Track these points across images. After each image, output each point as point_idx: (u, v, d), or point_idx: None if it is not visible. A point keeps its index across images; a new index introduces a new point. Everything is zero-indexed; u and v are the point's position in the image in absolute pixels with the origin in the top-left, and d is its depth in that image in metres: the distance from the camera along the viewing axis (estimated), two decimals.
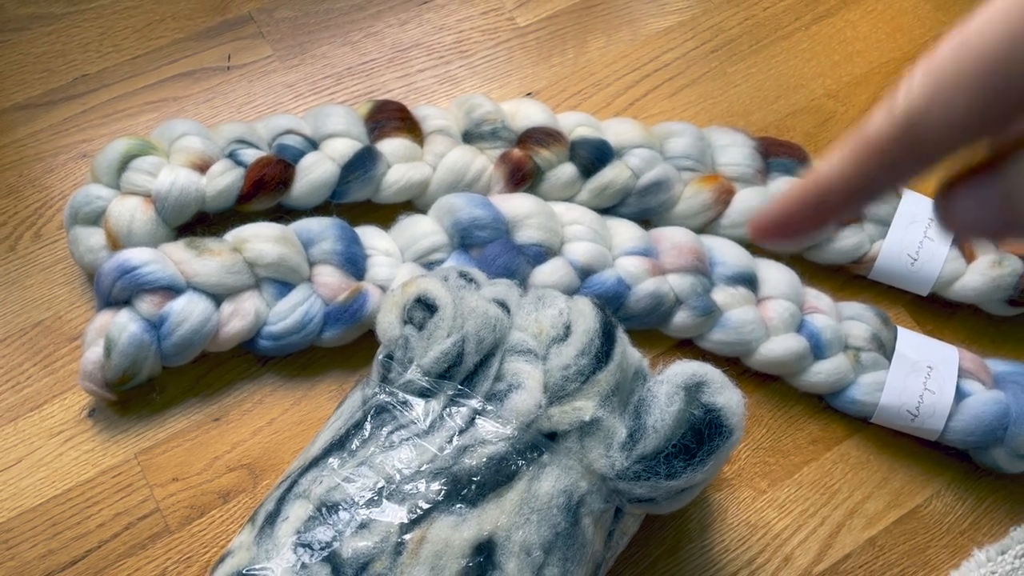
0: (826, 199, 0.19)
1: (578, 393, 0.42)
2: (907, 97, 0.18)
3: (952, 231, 0.19)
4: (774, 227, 0.21)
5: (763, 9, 0.70)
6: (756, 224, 0.21)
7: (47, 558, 0.49)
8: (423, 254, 0.54)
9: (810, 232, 0.20)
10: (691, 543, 0.51)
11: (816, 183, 0.20)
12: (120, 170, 0.54)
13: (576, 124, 0.59)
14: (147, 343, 0.50)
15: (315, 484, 0.40)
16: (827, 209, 0.20)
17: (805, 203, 0.20)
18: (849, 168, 0.19)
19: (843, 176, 0.19)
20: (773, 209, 0.21)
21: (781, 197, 0.20)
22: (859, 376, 0.54)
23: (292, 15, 0.67)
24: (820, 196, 0.19)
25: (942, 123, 0.17)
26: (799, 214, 0.20)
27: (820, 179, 0.19)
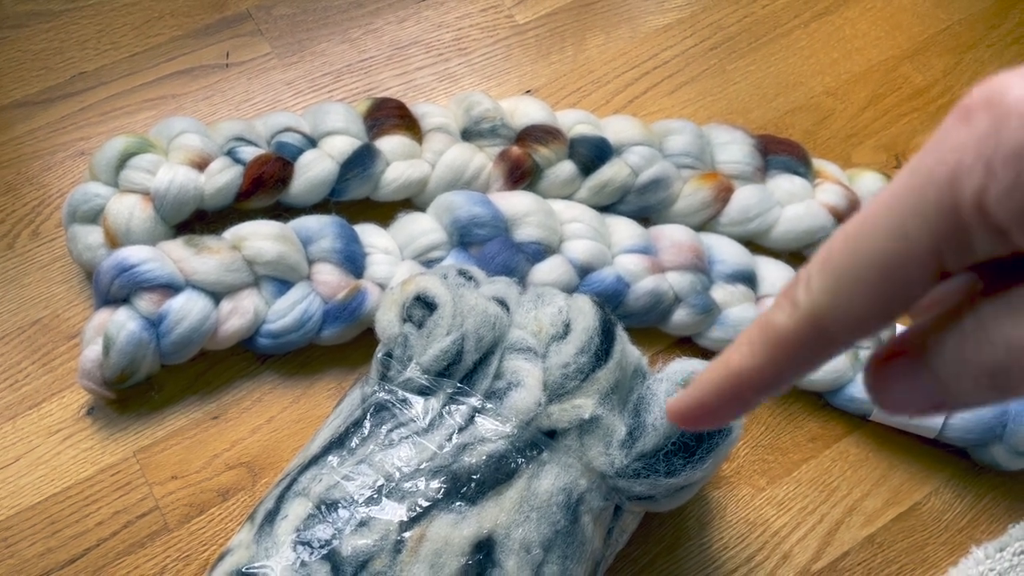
0: (739, 391, 0.20)
1: (577, 391, 0.42)
2: (808, 293, 0.18)
3: (886, 410, 0.20)
4: (691, 415, 0.21)
5: (762, 7, 0.70)
6: (674, 410, 0.22)
7: (46, 556, 0.49)
8: (422, 252, 0.54)
9: (726, 418, 0.21)
10: (690, 541, 0.51)
11: (728, 374, 0.20)
12: (118, 168, 0.54)
13: (575, 122, 0.59)
14: (146, 341, 0.50)
15: (314, 482, 0.40)
16: (742, 399, 0.20)
17: (720, 394, 0.20)
18: (759, 361, 0.19)
19: (754, 369, 0.19)
20: (689, 397, 0.21)
21: (696, 385, 0.21)
22: (858, 374, 0.54)
23: (290, 12, 0.67)
24: (733, 388, 0.20)
25: (847, 317, 0.18)
26: (715, 403, 0.20)
27: (732, 370, 0.20)
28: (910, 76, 0.67)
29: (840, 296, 0.18)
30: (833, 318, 0.18)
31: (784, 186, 0.58)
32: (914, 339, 0.19)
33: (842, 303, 0.18)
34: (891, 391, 0.19)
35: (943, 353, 0.18)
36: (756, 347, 0.19)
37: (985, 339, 0.17)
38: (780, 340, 0.19)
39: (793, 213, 0.58)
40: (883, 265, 0.17)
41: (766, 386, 0.20)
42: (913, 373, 0.19)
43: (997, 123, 0.16)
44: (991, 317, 0.18)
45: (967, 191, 0.16)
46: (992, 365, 0.17)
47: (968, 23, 0.70)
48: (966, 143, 0.16)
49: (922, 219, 0.17)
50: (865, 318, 0.18)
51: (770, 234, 0.58)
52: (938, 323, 0.18)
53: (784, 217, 0.58)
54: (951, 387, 0.18)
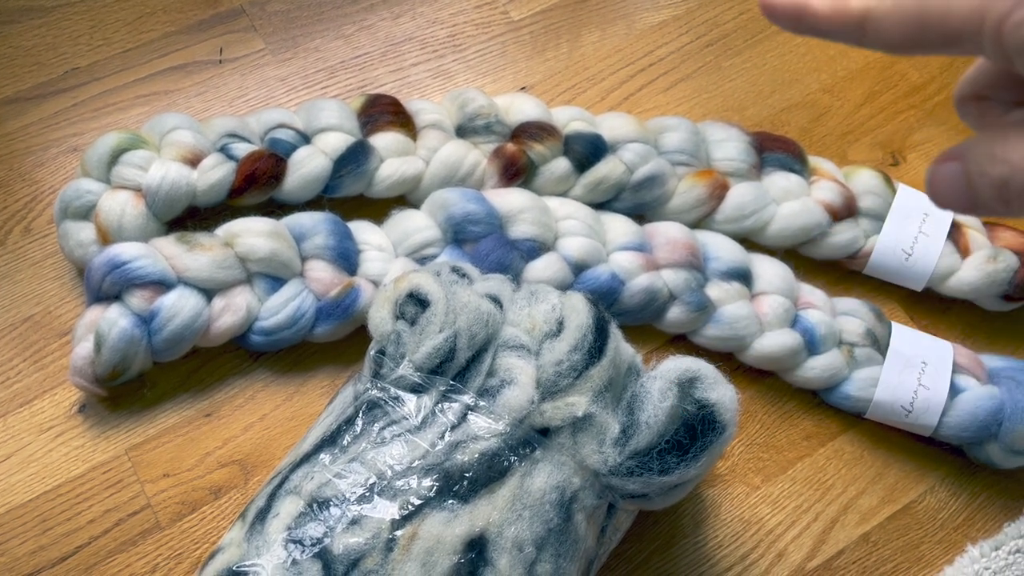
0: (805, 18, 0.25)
1: (571, 389, 0.41)
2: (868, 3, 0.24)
3: (935, 203, 0.25)
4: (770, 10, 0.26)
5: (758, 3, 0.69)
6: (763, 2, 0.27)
7: (37, 554, 0.48)
8: (416, 249, 0.54)
9: (789, 27, 0.26)
10: (684, 539, 0.51)
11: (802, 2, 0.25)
12: (111, 164, 0.54)
13: (570, 119, 0.59)
14: (137, 338, 0.50)
15: (306, 480, 0.40)
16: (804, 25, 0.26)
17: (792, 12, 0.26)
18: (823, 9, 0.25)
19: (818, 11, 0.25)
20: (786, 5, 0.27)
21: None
22: (853, 372, 0.54)
23: (284, 8, 0.66)
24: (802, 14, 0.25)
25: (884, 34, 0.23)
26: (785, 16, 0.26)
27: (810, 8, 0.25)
28: (906, 73, 0.67)
29: (890, 16, 0.23)
30: (878, 25, 0.23)
31: (780, 183, 0.58)
32: (962, 148, 0.24)
33: (888, 21, 0.23)
34: (939, 187, 0.24)
35: (971, 162, 0.23)
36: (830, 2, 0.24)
37: (999, 155, 0.22)
38: (841, 9, 0.24)
39: (789, 210, 0.57)
40: (923, 18, 0.22)
41: (816, 29, 0.25)
42: (954, 176, 0.24)
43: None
44: (1002, 138, 0.23)
45: (995, 10, 0.21)
46: (1000, 178, 0.22)
47: None
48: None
49: (960, 8, 0.22)
50: (892, 41, 0.23)
51: (765, 231, 0.58)
52: (975, 138, 0.23)
53: (779, 214, 0.57)
54: (976, 193, 0.23)
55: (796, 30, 0.26)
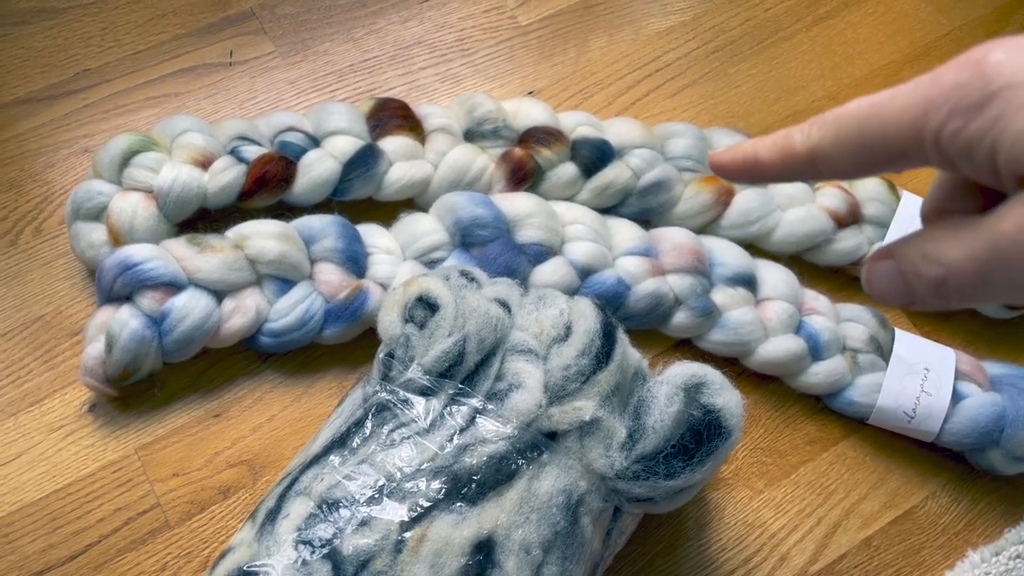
0: (754, 169, 0.28)
1: (578, 393, 0.42)
2: (818, 134, 0.26)
3: (875, 299, 0.26)
4: (719, 163, 0.29)
5: (764, 10, 0.70)
6: (712, 158, 0.30)
7: (47, 552, 0.49)
8: (424, 252, 0.54)
9: (738, 177, 0.29)
10: (688, 542, 0.52)
11: (754, 154, 0.28)
12: (122, 166, 0.54)
13: (577, 123, 0.59)
14: (148, 339, 0.50)
15: (316, 481, 0.41)
16: (753, 174, 0.28)
17: (743, 164, 0.28)
18: (772, 159, 0.27)
19: (767, 162, 0.27)
20: (725, 154, 0.29)
21: (734, 149, 0.29)
22: (856, 377, 0.54)
23: (294, 11, 0.67)
24: (751, 165, 0.28)
25: (832, 165, 0.26)
26: (737, 174, 0.29)
27: (756, 154, 0.28)
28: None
29: (835, 149, 0.25)
30: (825, 159, 0.26)
31: (785, 190, 0.59)
32: (896, 247, 0.25)
33: (834, 154, 0.25)
34: (876, 285, 0.26)
35: (904, 262, 0.25)
36: (775, 150, 0.27)
37: (931, 256, 0.24)
38: (789, 154, 0.26)
39: (794, 217, 0.58)
40: (865, 145, 0.24)
41: (770, 177, 0.28)
42: (889, 275, 0.25)
43: (969, 80, 0.22)
44: (933, 239, 0.24)
45: (931, 125, 0.23)
46: (936, 278, 0.24)
47: (969, 29, 0.70)
48: (944, 88, 0.23)
49: (899, 129, 0.23)
50: (843, 170, 0.26)
51: (771, 237, 0.58)
52: (907, 238, 0.25)
53: (785, 221, 0.58)
54: (913, 292, 0.25)
55: (751, 181, 0.29)
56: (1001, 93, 0.22)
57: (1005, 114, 0.22)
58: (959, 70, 0.23)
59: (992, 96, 0.22)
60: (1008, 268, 0.22)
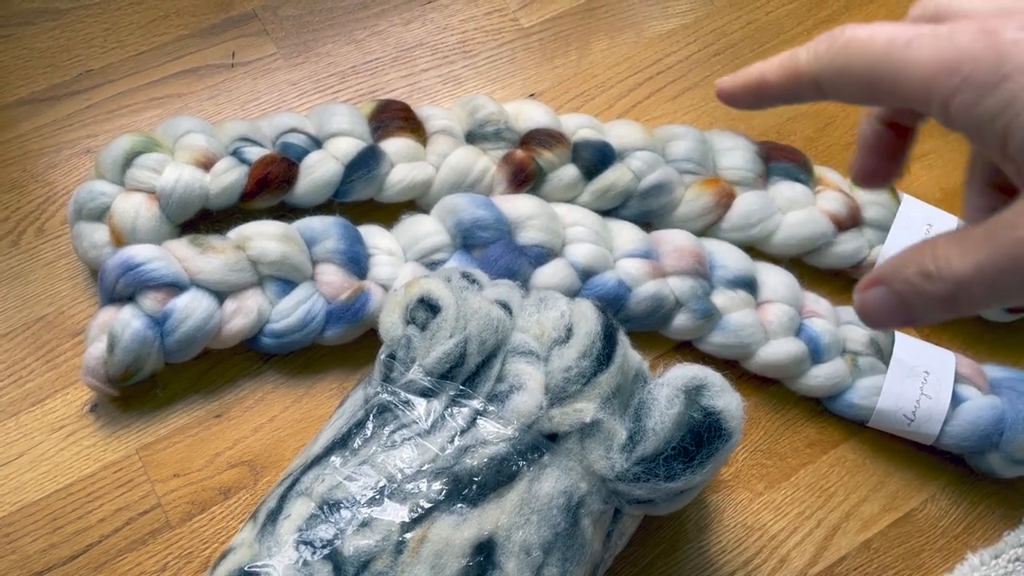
0: (760, 90, 0.28)
1: (579, 395, 0.42)
2: (820, 60, 0.25)
3: (871, 326, 0.26)
4: (729, 97, 0.29)
5: (765, 13, 0.70)
6: (720, 90, 0.29)
7: (48, 552, 0.49)
8: (425, 254, 0.55)
9: (745, 102, 0.29)
10: (688, 544, 0.52)
11: (759, 76, 0.28)
12: (124, 166, 0.54)
13: (578, 126, 0.60)
14: (150, 339, 0.50)
15: (317, 482, 0.41)
16: (759, 96, 0.28)
17: (751, 92, 0.28)
18: (777, 80, 0.27)
19: (774, 83, 0.27)
20: (730, 85, 0.29)
21: (740, 74, 0.28)
22: (857, 380, 0.54)
23: (296, 13, 0.67)
24: (758, 86, 0.28)
25: (837, 91, 0.25)
26: (745, 98, 0.28)
27: (760, 75, 0.27)
28: None
29: (841, 77, 0.25)
30: (830, 84, 0.25)
31: (785, 193, 0.59)
32: (887, 271, 0.25)
33: (839, 82, 0.25)
34: (872, 312, 0.25)
35: (899, 283, 0.24)
36: (780, 71, 0.27)
37: (936, 274, 0.23)
38: (794, 75, 0.26)
39: (794, 219, 0.58)
40: (874, 84, 0.24)
41: (776, 98, 0.27)
42: (884, 299, 0.25)
43: (982, 53, 0.21)
44: (935, 254, 0.23)
45: (941, 88, 0.22)
46: (942, 294, 0.23)
47: None
48: (959, 51, 0.22)
49: (909, 81, 0.23)
50: (847, 97, 0.25)
51: (771, 240, 0.58)
52: (901, 258, 0.25)
53: (785, 223, 0.58)
54: (914, 311, 0.24)
55: (758, 104, 0.29)
56: (1012, 76, 0.21)
57: (1017, 102, 0.21)
58: (975, 37, 0.22)
59: (1004, 78, 0.21)
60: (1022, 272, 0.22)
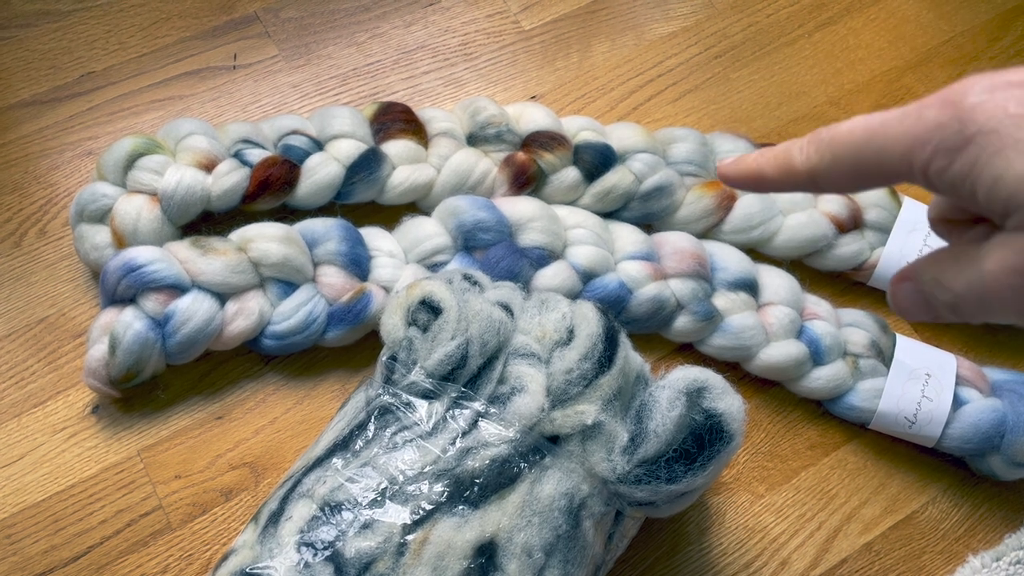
0: (758, 180, 0.30)
1: (580, 397, 0.42)
2: (816, 155, 0.28)
3: (903, 317, 0.29)
4: (726, 171, 0.31)
5: (766, 16, 0.70)
6: (721, 173, 0.32)
7: (49, 553, 0.49)
8: (427, 256, 0.55)
9: (743, 185, 0.31)
10: (689, 546, 0.52)
11: (756, 168, 0.30)
12: (126, 168, 0.54)
13: (580, 128, 0.60)
14: (151, 341, 0.50)
15: (319, 484, 0.41)
16: (758, 183, 0.30)
17: (746, 175, 0.31)
18: (773, 174, 0.30)
19: (769, 177, 0.30)
20: (730, 172, 0.31)
21: (740, 160, 0.31)
22: (857, 382, 0.54)
23: (298, 15, 0.67)
24: (755, 176, 0.30)
25: (829, 183, 0.28)
26: (743, 185, 0.31)
27: (757, 168, 0.30)
28: (912, 87, 0.68)
29: (832, 170, 0.27)
30: (824, 178, 0.28)
31: (786, 195, 0.59)
32: (914, 269, 0.28)
33: (832, 175, 0.27)
34: (903, 304, 0.28)
35: (924, 284, 0.27)
36: (775, 165, 0.29)
37: (944, 284, 0.26)
38: (790, 172, 0.29)
39: (795, 222, 0.58)
40: (861, 169, 0.27)
41: (774, 189, 0.30)
42: (913, 295, 0.28)
43: (948, 122, 0.24)
44: (939, 270, 0.26)
45: (918, 160, 0.25)
46: (949, 303, 0.26)
47: (971, 35, 0.70)
48: (928, 125, 0.25)
49: (891, 158, 0.25)
50: (842, 188, 0.28)
51: (772, 242, 0.58)
52: (925, 262, 0.27)
53: (786, 226, 0.58)
54: (935, 310, 0.27)
55: (757, 191, 0.32)
56: (975, 139, 0.24)
57: (980, 160, 0.23)
58: (941, 109, 0.24)
59: (968, 141, 0.24)
60: (1000, 299, 0.25)
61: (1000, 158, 0.23)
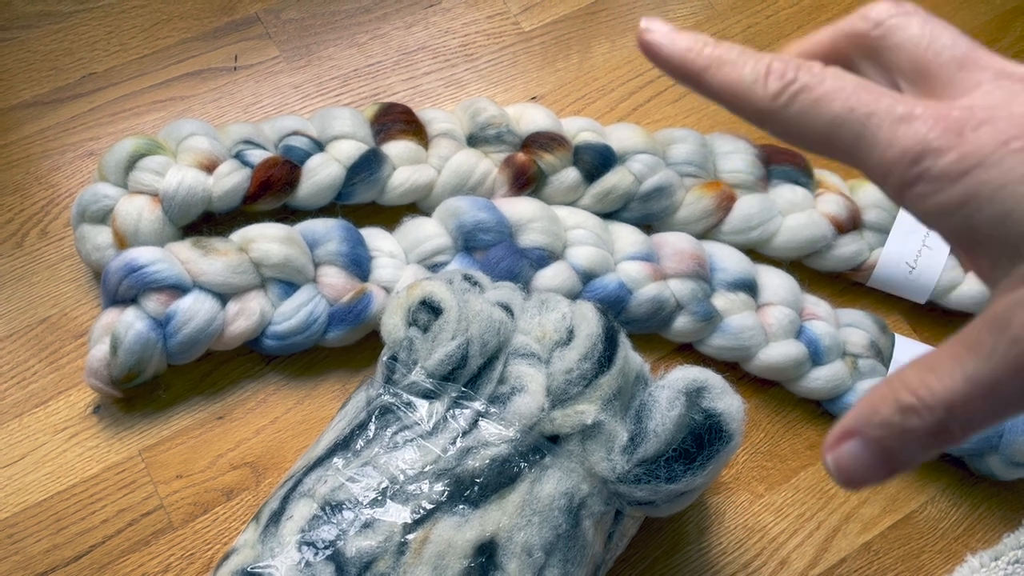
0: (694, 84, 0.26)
1: (580, 397, 0.42)
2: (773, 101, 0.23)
3: (847, 487, 0.23)
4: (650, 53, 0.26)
5: (766, 17, 0.70)
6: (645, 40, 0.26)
7: (51, 553, 0.49)
8: (427, 256, 0.55)
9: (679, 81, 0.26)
10: (689, 545, 0.52)
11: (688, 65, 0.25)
12: (128, 169, 0.54)
13: (580, 129, 0.60)
14: (153, 341, 0.51)
15: (320, 483, 0.41)
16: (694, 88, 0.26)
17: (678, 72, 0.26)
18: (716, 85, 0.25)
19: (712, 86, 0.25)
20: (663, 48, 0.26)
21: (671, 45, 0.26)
22: (857, 382, 0.54)
23: (299, 16, 0.67)
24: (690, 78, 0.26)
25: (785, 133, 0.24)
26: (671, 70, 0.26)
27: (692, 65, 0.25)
28: None
29: (792, 126, 0.23)
30: (779, 127, 0.23)
31: (786, 196, 0.59)
32: (858, 417, 0.22)
33: (790, 129, 0.23)
34: (850, 472, 0.22)
35: (883, 428, 0.21)
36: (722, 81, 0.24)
37: (915, 406, 0.21)
38: (739, 95, 0.24)
39: (794, 222, 0.58)
40: (826, 143, 0.23)
41: (707, 96, 0.25)
42: (863, 451, 0.22)
43: (944, 147, 0.21)
44: (911, 382, 0.21)
45: (896, 175, 0.22)
46: (931, 425, 0.21)
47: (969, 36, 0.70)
48: (918, 145, 0.21)
49: (867, 154, 0.22)
50: (791, 142, 0.23)
51: (771, 243, 0.58)
52: (869, 401, 0.22)
53: (785, 226, 0.58)
54: (901, 455, 0.21)
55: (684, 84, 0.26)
56: (972, 172, 0.21)
57: (980, 194, 0.21)
58: (937, 130, 0.21)
59: (963, 174, 0.21)
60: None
61: (1006, 192, 0.20)
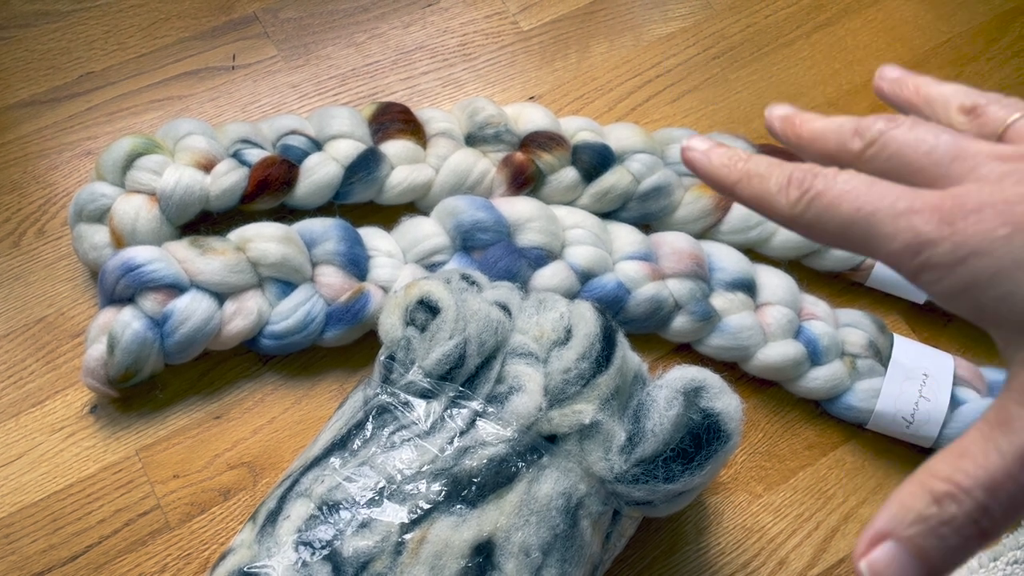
0: (729, 194, 0.29)
1: (578, 396, 0.42)
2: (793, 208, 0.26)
3: None
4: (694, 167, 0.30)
5: (765, 17, 0.70)
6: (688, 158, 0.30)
7: (48, 553, 0.49)
8: (425, 256, 0.55)
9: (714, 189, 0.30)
10: (687, 546, 0.52)
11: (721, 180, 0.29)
12: (125, 168, 0.54)
13: (578, 128, 0.60)
14: (150, 340, 0.50)
15: (317, 483, 0.41)
16: (729, 197, 0.29)
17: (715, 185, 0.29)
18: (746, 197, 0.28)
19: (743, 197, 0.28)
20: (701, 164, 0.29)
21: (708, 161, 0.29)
22: (855, 383, 0.54)
23: (297, 16, 0.67)
24: (725, 190, 0.29)
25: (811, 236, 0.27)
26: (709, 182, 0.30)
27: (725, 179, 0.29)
28: None
29: (814, 229, 0.26)
30: (805, 231, 0.26)
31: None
32: (890, 517, 0.22)
33: (813, 233, 0.26)
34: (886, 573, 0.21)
35: (916, 526, 0.21)
36: (751, 193, 0.27)
37: (951, 493, 0.21)
38: (767, 206, 0.27)
39: None
40: (845, 241, 0.26)
41: (742, 203, 0.28)
42: (900, 554, 0.21)
43: (940, 239, 0.23)
44: (941, 471, 0.21)
45: (907, 265, 0.24)
46: (969, 513, 0.20)
47: (969, 36, 0.70)
48: (918, 238, 0.23)
49: (881, 249, 0.24)
50: (823, 243, 0.27)
51: (770, 243, 0.58)
52: (898, 502, 0.22)
53: None
54: (939, 556, 0.21)
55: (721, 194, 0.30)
56: (968, 260, 0.22)
57: (980, 280, 0.22)
58: (933, 225, 0.23)
59: (959, 262, 0.22)
60: None
61: (1002, 276, 0.22)
